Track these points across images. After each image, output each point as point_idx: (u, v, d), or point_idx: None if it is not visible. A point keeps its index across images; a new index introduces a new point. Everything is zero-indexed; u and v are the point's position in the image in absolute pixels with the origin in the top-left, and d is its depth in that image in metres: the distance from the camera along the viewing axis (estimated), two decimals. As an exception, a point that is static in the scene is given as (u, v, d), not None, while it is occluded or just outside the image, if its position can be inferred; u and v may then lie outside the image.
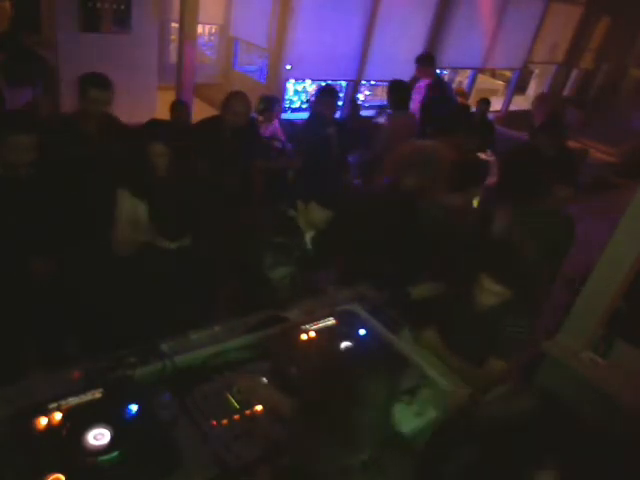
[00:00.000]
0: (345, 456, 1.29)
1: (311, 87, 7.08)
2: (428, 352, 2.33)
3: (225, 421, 1.78)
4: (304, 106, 6.94)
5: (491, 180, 4.51)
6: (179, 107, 4.54)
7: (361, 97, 7.52)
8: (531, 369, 2.72)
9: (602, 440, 1.72)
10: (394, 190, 3.29)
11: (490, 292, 2.26)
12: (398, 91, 4.68)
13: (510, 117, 8.98)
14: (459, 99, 7.04)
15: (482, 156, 5.09)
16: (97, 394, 1.75)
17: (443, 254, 3.07)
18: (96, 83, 3.01)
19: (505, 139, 6.40)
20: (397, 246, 3.00)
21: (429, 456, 1.66)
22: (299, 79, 6.79)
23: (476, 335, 2.31)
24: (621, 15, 9.47)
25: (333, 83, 7.24)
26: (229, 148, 3.52)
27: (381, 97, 7.76)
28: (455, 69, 8.71)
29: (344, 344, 2.22)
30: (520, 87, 10.05)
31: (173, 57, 6.57)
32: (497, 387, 2.11)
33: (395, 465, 1.36)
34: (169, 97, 4.96)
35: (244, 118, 3.62)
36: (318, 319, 2.34)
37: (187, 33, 5.02)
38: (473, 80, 8.84)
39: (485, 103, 6.28)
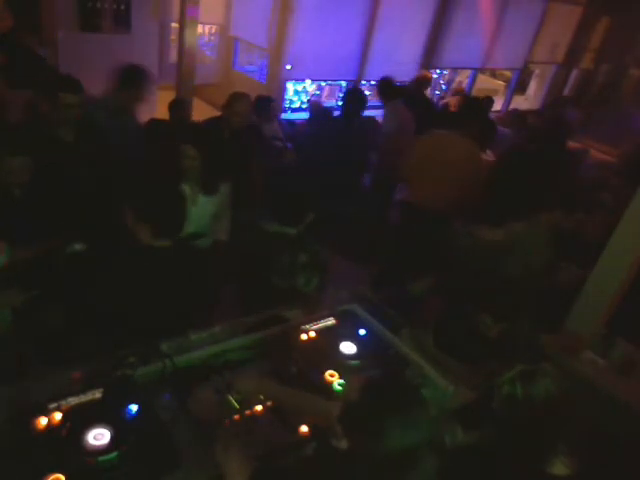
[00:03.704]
0: None
1: (311, 87, 7.08)
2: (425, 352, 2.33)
3: (225, 421, 1.77)
4: (304, 106, 6.94)
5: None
6: (178, 106, 4.54)
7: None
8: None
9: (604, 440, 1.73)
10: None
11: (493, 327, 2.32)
12: (388, 84, 4.95)
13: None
14: (460, 98, 7.04)
15: (482, 156, 5.10)
16: (97, 394, 1.75)
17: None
18: (66, 88, 2.86)
19: (505, 139, 6.40)
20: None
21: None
22: (299, 79, 6.79)
23: (475, 343, 2.32)
24: (621, 15, 9.47)
25: (333, 83, 7.26)
26: (230, 149, 3.52)
27: (381, 97, 7.75)
28: (455, 69, 8.71)
29: (344, 344, 2.23)
30: (520, 87, 10.06)
31: (173, 57, 6.57)
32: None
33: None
34: (169, 97, 4.96)
35: (246, 119, 3.63)
36: (318, 319, 2.34)
37: (187, 33, 5.01)
38: (473, 80, 8.85)
39: (488, 101, 6.25)
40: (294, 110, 6.94)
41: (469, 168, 3.71)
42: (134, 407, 1.72)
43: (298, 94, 6.98)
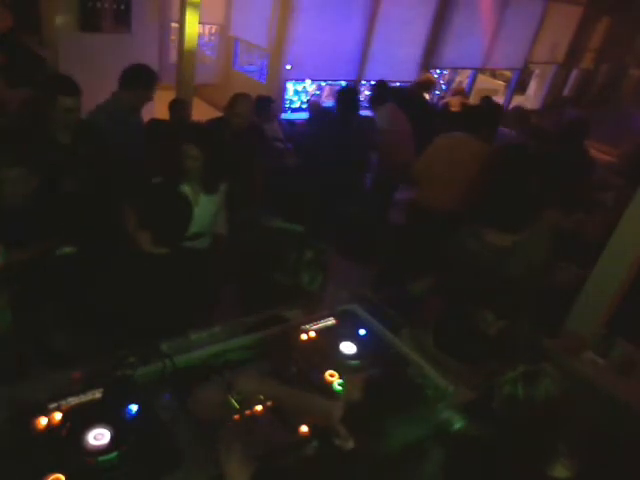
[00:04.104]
0: None
1: (311, 87, 7.08)
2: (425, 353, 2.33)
3: (226, 421, 1.77)
4: (304, 106, 6.94)
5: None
6: (178, 106, 4.55)
7: (361, 97, 7.52)
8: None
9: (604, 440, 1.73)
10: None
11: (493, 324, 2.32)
12: (381, 88, 5.12)
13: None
14: (460, 98, 7.05)
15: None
16: (97, 394, 1.75)
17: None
18: (68, 91, 2.80)
19: (504, 138, 6.40)
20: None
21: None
22: (299, 79, 6.79)
23: (475, 342, 2.32)
24: (621, 15, 9.48)
25: (333, 83, 7.26)
26: (230, 148, 3.54)
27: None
28: (455, 69, 8.71)
29: (344, 344, 2.23)
30: (520, 87, 10.06)
31: (173, 57, 6.58)
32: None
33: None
34: (169, 97, 4.96)
35: (247, 120, 3.66)
36: (318, 319, 2.34)
37: (187, 33, 5.02)
38: (473, 80, 8.85)
39: (489, 101, 6.26)
40: (294, 110, 6.94)
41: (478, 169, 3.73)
42: (134, 407, 1.72)
43: (298, 94, 6.99)
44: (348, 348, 2.21)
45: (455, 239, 2.96)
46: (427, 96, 6.46)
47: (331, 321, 2.36)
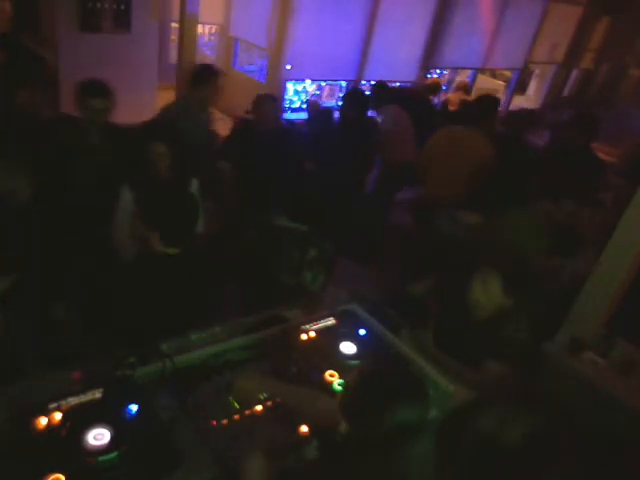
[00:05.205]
0: None
1: (311, 87, 7.08)
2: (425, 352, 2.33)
3: (225, 421, 1.78)
4: (304, 106, 6.94)
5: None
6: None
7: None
8: (531, 370, 2.71)
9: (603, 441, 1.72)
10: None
11: (487, 304, 2.27)
12: (381, 89, 5.08)
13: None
14: (461, 95, 7.05)
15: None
16: (97, 394, 1.75)
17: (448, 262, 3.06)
18: (95, 93, 2.88)
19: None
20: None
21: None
22: (299, 79, 6.79)
23: (473, 338, 2.30)
24: (621, 15, 9.48)
25: (333, 83, 7.26)
26: (258, 150, 3.58)
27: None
28: (455, 69, 8.71)
29: (344, 344, 2.23)
30: (520, 87, 10.05)
31: (173, 57, 6.59)
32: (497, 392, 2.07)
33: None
34: (169, 97, 4.98)
35: (272, 121, 3.71)
36: (318, 319, 2.34)
37: (187, 33, 5.02)
38: (473, 80, 8.85)
39: (484, 97, 6.25)
40: (294, 110, 6.94)
41: (483, 163, 3.74)
42: (134, 407, 1.72)
43: (298, 94, 6.99)
44: (348, 348, 2.21)
45: (431, 224, 2.97)
46: (433, 98, 6.46)
47: (331, 321, 2.36)
